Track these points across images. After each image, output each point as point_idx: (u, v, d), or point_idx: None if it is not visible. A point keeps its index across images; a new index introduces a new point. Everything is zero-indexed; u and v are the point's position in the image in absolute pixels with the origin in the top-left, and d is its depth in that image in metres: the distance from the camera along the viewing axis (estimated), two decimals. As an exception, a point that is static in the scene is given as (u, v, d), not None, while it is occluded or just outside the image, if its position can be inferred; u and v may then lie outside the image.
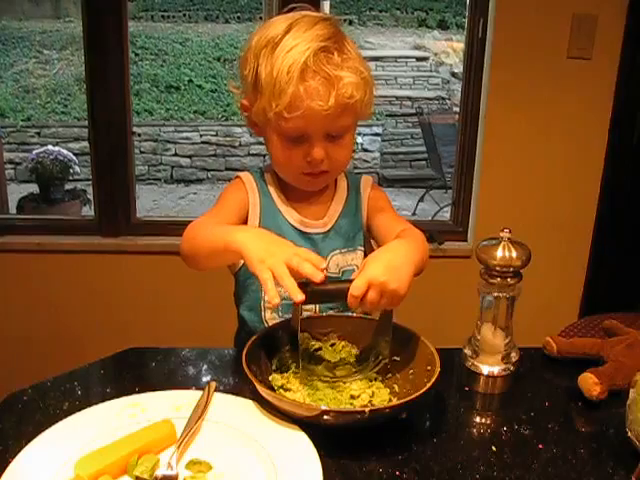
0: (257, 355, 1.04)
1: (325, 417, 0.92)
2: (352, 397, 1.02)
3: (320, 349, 1.11)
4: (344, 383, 1.05)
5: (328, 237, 1.27)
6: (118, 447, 0.88)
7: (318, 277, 0.96)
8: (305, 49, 1.10)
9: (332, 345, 1.12)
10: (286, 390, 1.03)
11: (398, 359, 1.07)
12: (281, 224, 1.25)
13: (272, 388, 1.01)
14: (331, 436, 0.92)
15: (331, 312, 1.21)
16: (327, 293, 1.00)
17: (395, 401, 1.01)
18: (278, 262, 0.96)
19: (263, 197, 1.27)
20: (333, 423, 0.93)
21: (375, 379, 1.07)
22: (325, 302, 1.17)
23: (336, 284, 1.04)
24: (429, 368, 0.99)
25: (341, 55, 1.13)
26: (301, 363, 1.05)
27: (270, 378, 1.04)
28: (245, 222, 1.25)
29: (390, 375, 1.07)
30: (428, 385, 0.94)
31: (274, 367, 1.07)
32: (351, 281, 0.97)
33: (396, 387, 1.05)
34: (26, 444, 0.89)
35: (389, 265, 0.98)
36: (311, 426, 0.93)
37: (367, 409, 0.92)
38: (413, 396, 0.93)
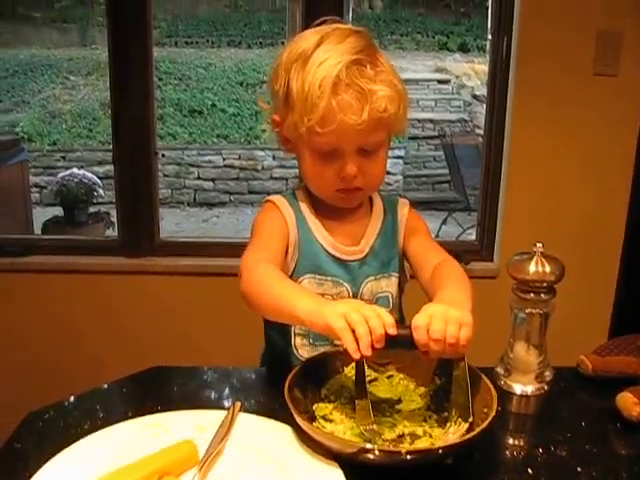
0: (304, 380, 0.99)
1: (360, 455, 0.85)
2: (400, 435, 0.95)
3: (376, 379, 1.05)
4: (394, 419, 0.98)
5: (365, 264, 1.23)
6: (138, 468, 0.85)
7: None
8: (337, 62, 1.07)
9: (389, 377, 1.06)
10: (327, 421, 0.97)
11: None
12: (314, 245, 1.21)
13: (313, 417, 0.96)
14: (370, 474, 0.86)
15: None
16: (392, 339, 0.91)
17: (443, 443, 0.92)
18: (359, 319, 0.89)
19: (297, 219, 1.22)
20: (370, 462, 0.86)
21: (430, 417, 0.99)
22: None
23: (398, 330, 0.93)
24: (485, 410, 0.92)
25: (374, 68, 1.10)
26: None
27: (314, 407, 0.99)
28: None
29: (446, 414, 0.99)
30: (473, 433, 0.87)
31: (322, 395, 1.01)
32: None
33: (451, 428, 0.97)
34: (46, 463, 0.87)
35: (448, 302, 0.97)
36: (348, 461, 0.87)
37: (404, 450, 0.86)
38: (455, 442, 0.87)
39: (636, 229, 2.42)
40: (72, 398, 1.07)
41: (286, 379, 0.95)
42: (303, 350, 1.23)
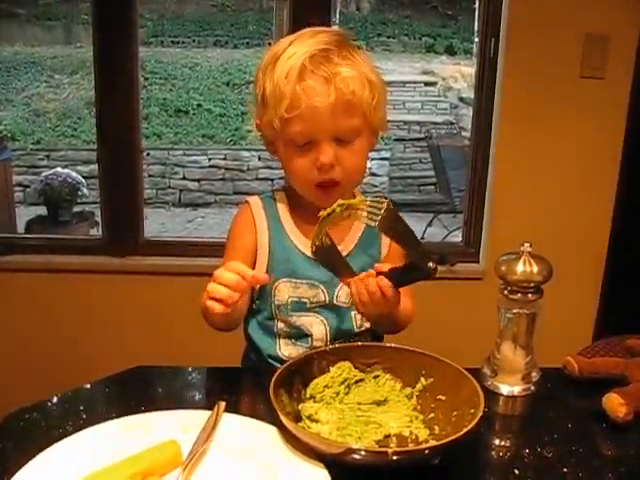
0: (289, 380, 0.98)
1: (347, 455, 0.84)
2: (386, 436, 0.95)
3: (362, 380, 1.04)
4: (381, 419, 0.97)
5: None
6: (121, 468, 0.84)
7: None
8: (303, 52, 1.10)
9: (375, 377, 1.05)
10: (313, 421, 0.96)
11: (443, 398, 0.99)
12: (288, 248, 1.22)
13: (299, 417, 0.95)
14: (356, 475, 0.85)
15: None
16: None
17: (429, 444, 0.92)
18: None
19: (272, 222, 1.24)
20: (356, 462, 0.84)
21: (416, 418, 0.99)
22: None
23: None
24: (472, 411, 0.91)
25: (341, 55, 1.12)
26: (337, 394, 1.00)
27: (300, 407, 0.97)
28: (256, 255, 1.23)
29: (433, 415, 0.98)
30: (460, 433, 0.85)
31: (308, 395, 1.00)
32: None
33: (437, 429, 0.96)
34: (26, 464, 0.85)
35: None
36: (334, 462, 0.86)
37: (390, 450, 0.85)
38: (442, 442, 0.86)
39: (621, 230, 2.44)
40: (54, 398, 1.05)
41: (271, 379, 0.94)
42: (285, 349, 1.24)
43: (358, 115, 1.13)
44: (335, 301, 1.22)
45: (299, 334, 1.23)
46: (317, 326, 1.23)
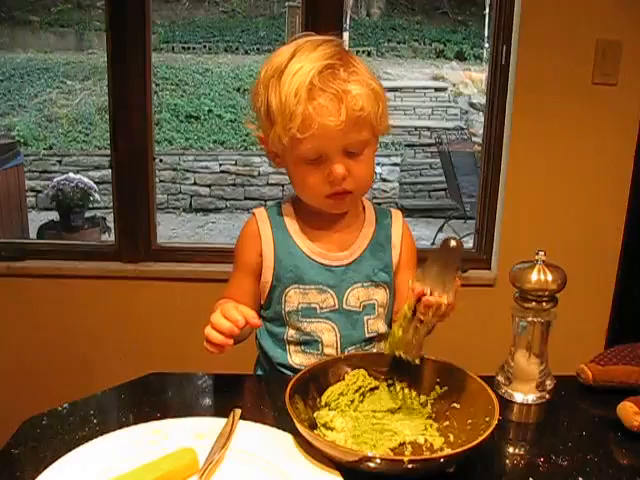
0: (305, 388, 0.98)
1: (362, 463, 0.84)
2: (401, 444, 0.95)
3: (377, 388, 1.04)
4: (396, 427, 0.97)
5: (350, 270, 1.23)
6: (138, 475, 0.84)
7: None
8: (310, 69, 1.10)
9: (390, 385, 1.05)
10: (328, 429, 0.96)
11: (458, 406, 0.99)
12: (295, 255, 1.23)
13: (314, 425, 0.95)
14: None
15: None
16: None
17: (445, 452, 0.93)
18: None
19: (276, 230, 1.25)
20: (371, 470, 0.84)
21: (431, 425, 0.99)
22: None
23: None
24: (487, 419, 0.91)
25: (347, 70, 1.12)
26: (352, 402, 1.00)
27: (315, 414, 0.98)
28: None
29: (448, 423, 0.99)
30: (475, 442, 0.85)
31: (323, 403, 1.00)
32: None
33: (451, 437, 0.96)
34: (44, 470, 0.86)
35: None
36: (349, 470, 0.86)
37: (406, 458, 0.85)
38: (457, 450, 0.86)
39: (634, 238, 2.42)
40: (70, 404, 1.06)
41: (286, 387, 0.94)
42: (296, 357, 1.25)
43: (367, 128, 1.15)
44: (345, 305, 1.23)
45: (309, 341, 1.24)
46: (327, 332, 1.23)
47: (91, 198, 4.61)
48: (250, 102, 1.24)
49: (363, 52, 9.09)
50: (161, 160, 6.66)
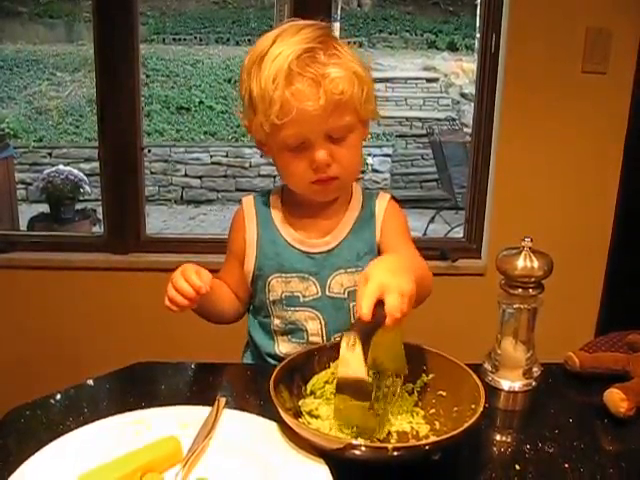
0: (290, 376, 0.98)
1: (347, 451, 0.83)
2: (387, 432, 0.94)
3: None
4: (382, 415, 0.96)
5: (331, 255, 1.22)
6: (121, 464, 0.84)
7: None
8: (288, 54, 1.08)
9: (376, 373, 1.03)
10: (313, 417, 0.95)
11: (444, 394, 0.99)
12: (277, 243, 1.23)
13: (299, 414, 0.95)
14: (357, 471, 0.84)
15: None
16: None
17: (430, 439, 0.92)
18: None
19: (261, 218, 1.25)
20: (356, 458, 0.84)
21: (417, 413, 0.98)
22: None
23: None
24: (473, 407, 0.90)
25: (326, 53, 1.10)
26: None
27: (300, 403, 0.97)
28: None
29: (434, 411, 0.98)
30: (460, 429, 0.84)
31: (308, 391, 0.99)
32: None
33: (437, 424, 0.96)
34: (27, 460, 0.85)
35: (391, 269, 0.91)
36: (334, 458, 0.85)
37: (390, 445, 0.85)
38: (442, 438, 0.85)
39: (623, 225, 2.43)
40: (55, 394, 1.05)
41: (271, 375, 0.94)
42: (283, 347, 1.25)
43: (349, 112, 1.13)
44: (328, 292, 1.22)
45: (294, 330, 1.24)
46: (311, 321, 1.23)
47: (81, 190, 4.58)
48: (239, 92, 1.22)
49: (355, 43, 9.04)
50: (149, 151, 6.62)
